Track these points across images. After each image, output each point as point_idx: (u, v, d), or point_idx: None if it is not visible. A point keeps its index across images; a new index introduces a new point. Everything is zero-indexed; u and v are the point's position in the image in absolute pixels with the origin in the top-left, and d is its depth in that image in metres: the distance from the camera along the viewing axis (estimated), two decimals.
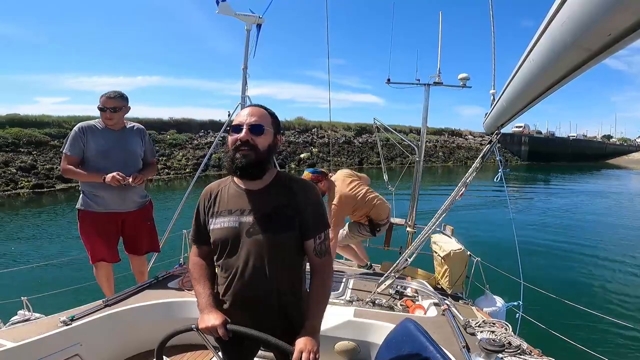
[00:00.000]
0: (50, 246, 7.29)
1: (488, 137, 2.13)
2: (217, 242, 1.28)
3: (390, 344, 1.56)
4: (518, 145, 40.41)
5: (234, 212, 1.27)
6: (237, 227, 1.25)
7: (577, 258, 7.02)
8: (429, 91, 3.71)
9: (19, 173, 13.92)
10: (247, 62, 3.31)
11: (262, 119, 1.25)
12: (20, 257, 6.54)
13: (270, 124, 1.27)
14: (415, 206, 3.68)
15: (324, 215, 1.33)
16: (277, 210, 1.26)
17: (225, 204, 1.30)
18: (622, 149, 59.14)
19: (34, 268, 4.64)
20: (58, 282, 4.76)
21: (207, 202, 1.34)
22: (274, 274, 1.25)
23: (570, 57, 0.76)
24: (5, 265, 5.66)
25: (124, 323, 2.13)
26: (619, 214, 12.20)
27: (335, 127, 27.94)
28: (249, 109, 1.28)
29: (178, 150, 20.29)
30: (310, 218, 1.27)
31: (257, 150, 1.21)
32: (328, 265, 1.31)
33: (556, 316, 4.13)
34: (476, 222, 9.38)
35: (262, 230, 1.23)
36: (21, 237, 8.14)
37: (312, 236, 1.27)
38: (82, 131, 2.61)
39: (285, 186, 1.30)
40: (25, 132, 15.99)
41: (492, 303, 2.66)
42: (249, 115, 1.24)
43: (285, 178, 1.33)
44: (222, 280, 1.30)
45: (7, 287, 4.51)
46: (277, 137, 1.30)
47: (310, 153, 24.18)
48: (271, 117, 1.29)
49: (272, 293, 1.26)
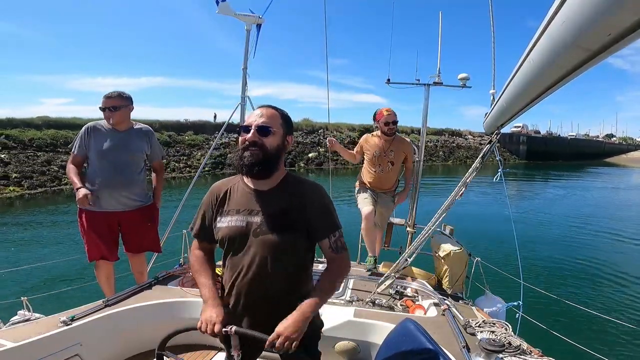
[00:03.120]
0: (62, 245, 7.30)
1: (487, 137, 2.13)
2: (224, 240, 1.29)
3: (390, 344, 1.56)
4: (516, 145, 41.56)
5: (242, 211, 1.28)
6: (244, 227, 1.26)
7: (578, 258, 7.02)
8: (428, 91, 3.71)
9: (60, 171, 15.52)
10: (247, 62, 3.31)
11: (272, 119, 1.26)
12: (52, 251, 6.55)
13: (280, 125, 1.28)
14: (415, 206, 3.68)
15: (333, 215, 1.33)
16: (285, 211, 1.26)
17: (233, 203, 1.31)
18: (621, 148, 59.84)
19: (33, 268, 4.64)
20: (58, 282, 4.77)
21: (215, 200, 1.35)
22: (280, 274, 1.26)
23: (570, 57, 0.76)
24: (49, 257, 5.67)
25: (124, 323, 2.13)
26: (617, 213, 12.20)
27: (340, 127, 29.52)
28: (260, 109, 1.29)
29: (197, 150, 22.13)
30: (318, 220, 1.28)
31: (265, 150, 1.23)
32: (345, 261, 1.32)
33: (556, 316, 4.14)
34: (476, 222, 9.37)
35: (269, 231, 1.24)
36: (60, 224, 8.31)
37: (326, 236, 1.29)
38: (87, 131, 2.67)
39: (294, 188, 1.31)
40: (61, 133, 17.78)
41: (492, 303, 2.65)
42: (259, 116, 1.25)
43: (294, 180, 1.34)
44: (227, 278, 1.31)
45: (7, 287, 4.52)
46: (287, 138, 1.31)
47: (317, 153, 26.06)
48: (282, 118, 1.30)
49: (277, 293, 1.27)
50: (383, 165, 3.48)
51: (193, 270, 1.39)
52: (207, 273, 1.34)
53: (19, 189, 14.10)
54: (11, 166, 15.11)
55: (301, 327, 1.14)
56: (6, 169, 14.81)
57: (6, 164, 15.16)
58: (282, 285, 1.27)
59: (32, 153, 16.43)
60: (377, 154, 3.45)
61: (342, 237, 1.33)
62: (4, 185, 13.93)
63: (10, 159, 15.55)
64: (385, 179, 3.52)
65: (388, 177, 3.52)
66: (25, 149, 16.52)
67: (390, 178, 3.54)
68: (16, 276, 4.86)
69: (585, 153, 48.19)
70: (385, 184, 3.55)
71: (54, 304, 2.66)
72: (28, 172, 15.11)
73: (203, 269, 1.35)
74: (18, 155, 15.91)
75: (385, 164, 3.48)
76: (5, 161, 15.29)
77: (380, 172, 3.48)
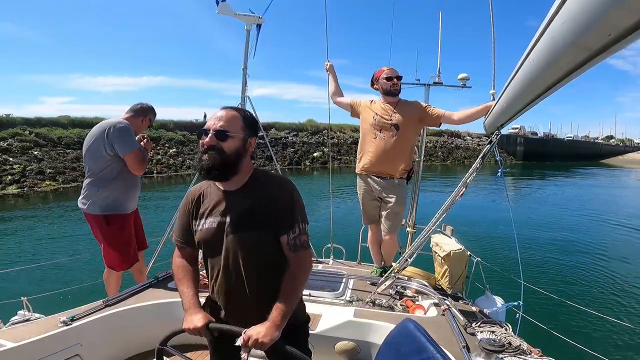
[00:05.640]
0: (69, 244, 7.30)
1: (486, 137, 2.13)
2: (201, 243, 1.32)
3: (390, 344, 1.56)
4: (514, 146, 42.42)
5: (215, 213, 1.30)
6: (216, 227, 1.28)
7: (578, 258, 7.02)
8: (428, 91, 3.70)
9: None
10: (247, 63, 3.31)
11: (231, 123, 1.25)
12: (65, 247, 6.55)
13: (241, 129, 1.27)
14: (415, 206, 3.67)
15: (295, 212, 1.30)
16: (251, 210, 1.27)
17: (207, 205, 1.33)
18: (618, 149, 60.64)
19: (33, 268, 4.64)
20: (58, 282, 4.77)
21: (190, 205, 1.37)
22: (254, 272, 1.27)
23: (570, 57, 0.76)
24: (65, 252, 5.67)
25: (124, 323, 2.13)
26: (617, 212, 12.20)
27: (343, 128, 30.18)
28: (220, 112, 1.28)
29: None
30: (280, 215, 1.28)
31: (223, 154, 1.23)
32: (303, 260, 1.30)
33: (556, 316, 4.14)
34: (476, 222, 9.37)
35: (239, 229, 1.26)
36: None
37: (285, 232, 1.28)
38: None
39: (261, 185, 1.31)
40: (85, 132, 18.10)
41: (492, 303, 2.65)
42: (217, 119, 1.25)
43: (264, 177, 1.34)
44: (209, 280, 1.35)
45: (7, 287, 4.52)
46: (249, 140, 1.29)
47: (322, 152, 27.05)
48: (243, 121, 1.28)
49: (254, 290, 1.28)
50: (385, 131, 2.82)
51: (175, 279, 1.39)
52: (189, 282, 1.35)
53: (54, 183, 15.50)
54: (44, 162, 16.43)
55: (272, 333, 1.15)
56: (40, 165, 16.11)
57: (39, 160, 16.48)
58: (258, 283, 1.28)
59: (61, 150, 17.73)
60: (377, 118, 2.86)
61: (303, 235, 1.30)
62: (41, 179, 15.31)
63: (43, 156, 16.85)
64: (390, 154, 2.82)
65: (393, 152, 2.82)
66: (55, 147, 17.80)
67: (395, 152, 2.82)
68: (16, 276, 4.86)
69: (582, 154, 49.19)
70: (388, 163, 2.84)
71: (54, 304, 2.65)
72: (61, 168, 16.44)
73: (184, 277, 1.36)
74: (49, 153, 17.22)
75: (388, 129, 2.81)
76: (38, 158, 16.60)
77: (381, 141, 2.83)
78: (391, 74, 2.88)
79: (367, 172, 2.97)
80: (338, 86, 3.28)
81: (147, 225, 3.12)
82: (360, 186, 3.09)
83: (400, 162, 2.86)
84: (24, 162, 15.96)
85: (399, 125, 2.81)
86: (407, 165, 2.90)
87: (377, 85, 2.98)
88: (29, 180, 14.98)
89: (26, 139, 17.28)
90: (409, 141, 2.90)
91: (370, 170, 2.94)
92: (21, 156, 16.25)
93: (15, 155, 16.16)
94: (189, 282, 1.35)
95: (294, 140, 27.78)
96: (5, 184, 14.35)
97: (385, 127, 2.84)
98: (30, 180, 15.00)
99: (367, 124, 2.94)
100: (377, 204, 3.03)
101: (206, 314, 1.27)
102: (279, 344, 1.14)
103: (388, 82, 2.88)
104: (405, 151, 2.89)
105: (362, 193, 3.07)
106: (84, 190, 2.70)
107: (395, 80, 2.88)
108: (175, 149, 22.25)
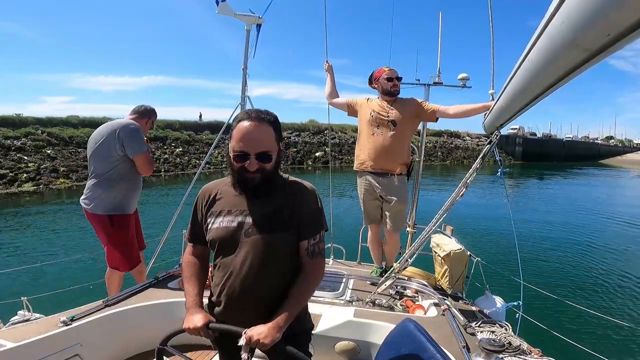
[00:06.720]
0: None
1: (486, 137, 2.13)
2: (216, 241, 1.28)
3: (390, 344, 1.56)
4: (512, 146, 42.69)
5: (234, 212, 1.28)
6: (236, 227, 1.26)
7: (578, 258, 7.02)
8: (428, 91, 3.70)
9: None
10: (247, 62, 3.31)
11: (268, 141, 1.20)
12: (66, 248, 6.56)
13: (275, 140, 1.23)
14: (415, 206, 3.67)
15: (320, 219, 1.32)
16: (276, 212, 1.26)
17: (225, 204, 1.30)
18: (617, 150, 61.03)
19: (33, 268, 4.64)
20: (58, 282, 4.76)
21: (205, 202, 1.34)
22: (271, 275, 1.25)
23: (569, 57, 0.76)
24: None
25: (124, 323, 2.13)
26: (616, 211, 12.20)
27: (344, 128, 30.57)
28: (252, 128, 1.17)
29: (214, 148, 23.67)
30: (306, 220, 1.27)
31: (266, 172, 1.22)
32: (318, 267, 1.30)
33: (556, 316, 4.14)
34: (476, 222, 9.38)
35: (260, 231, 1.24)
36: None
37: (306, 237, 1.28)
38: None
39: (284, 189, 1.30)
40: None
41: (492, 303, 2.65)
42: (255, 141, 1.18)
43: (285, 181, 1.33)
44: (218, 279, 1.30)
45: (7, 287, 4.52)
46: (280, 145, 1.27)
47: (324, 152, 27.57)
48: (275, 130, 1.24)
49: (269, 294, 1.26)
50: (383, 127, 2.88)
51: (183, 276, 1.38)
52: (195, 281, 1.34)
53: (68, 181, 16.08)
54: (57, 161, 17.01)
55: (273, 334, 1.13)
56: (54, 163, 16.67)
57: (53, 158, 17.05)
58: (275, 286, 1.26)
59: (73, 149, 18.23)
60: (375, 115, 2.91)
61: (322, 242, 1.30)
62: (55, 177, 15.95)
63: (56, 154, 17.40)
64: (387, 150, 2.87)
65: (391, 148, 2.87)
66: (67, 146, 18.33)
67: (393, 148, 2.87)
68: (16, 276, 4.87)
69: (581, 155, 49.59)
70: (386, 159, 2.89)
71: (54, 304, 2.65)
72: (73, 166, 17.00)
73: (192, 276, 1.35)
74: (62, 151, 17.75)
75: (386, 126, 2.88)
76: (52, 156, 17.16)
77: (379, 137, 2.88)
78: (392, 75, 2.93)
79: (366, 169, 2.98)
80: (334, 87, 3.30)
81: (153, 224, 3.14)
82: (361, 185, 3.09)
83: (398, 158, 2.91)
84: (39, 160, 16.48)
85: (396, 122, 2.87)
86: (405, 161, 2.95)
87: (375, 85, 3.02)
88: (44, 178, 15.53)
89: (39, 138, 17.71)
90: (407, 137, 2.95)
91: (369, 166, 2.96)
92: (35, 155, 16.75)
93: (30, 154, 16.63)
94: (195, 281, 1.34)
95: (296, 140, 28.03)
96: (21, 182, 14.87)
97: (382, 124, 2.89)
98: (45, 178, 15.56)
99: (364, 121, 2.98)
100: (379, 204, 3.04)
101: (207, 313, 1.25)
102: (279, 345, 1.14)
103: (389, 83, 2.93)
104: (402, 147, 2.94)
105: (363, 192, 3.08)
106: (88, 190, 2.70)
107: (396, 81, 2.94)
108: (181, 148, 22.69)
